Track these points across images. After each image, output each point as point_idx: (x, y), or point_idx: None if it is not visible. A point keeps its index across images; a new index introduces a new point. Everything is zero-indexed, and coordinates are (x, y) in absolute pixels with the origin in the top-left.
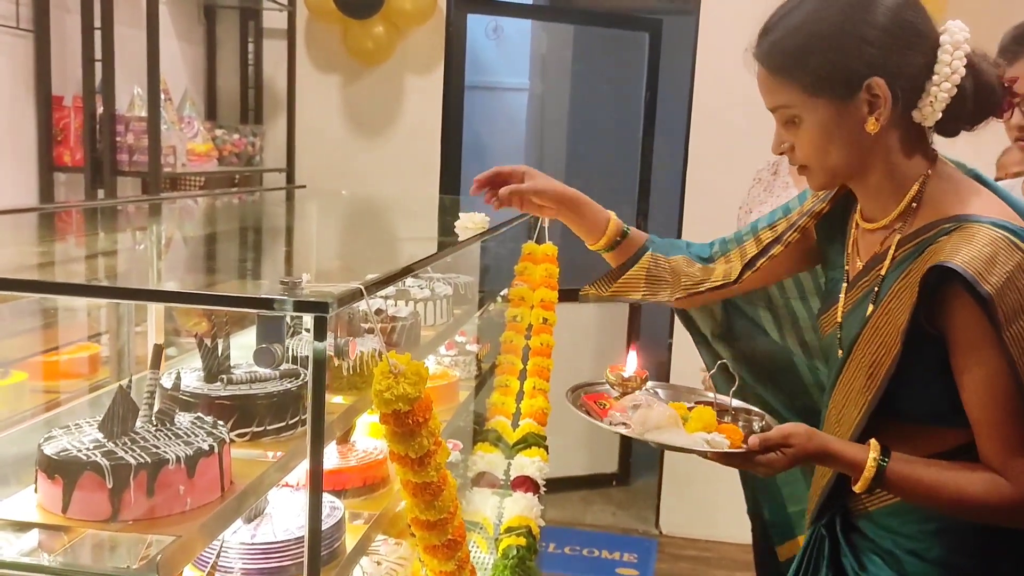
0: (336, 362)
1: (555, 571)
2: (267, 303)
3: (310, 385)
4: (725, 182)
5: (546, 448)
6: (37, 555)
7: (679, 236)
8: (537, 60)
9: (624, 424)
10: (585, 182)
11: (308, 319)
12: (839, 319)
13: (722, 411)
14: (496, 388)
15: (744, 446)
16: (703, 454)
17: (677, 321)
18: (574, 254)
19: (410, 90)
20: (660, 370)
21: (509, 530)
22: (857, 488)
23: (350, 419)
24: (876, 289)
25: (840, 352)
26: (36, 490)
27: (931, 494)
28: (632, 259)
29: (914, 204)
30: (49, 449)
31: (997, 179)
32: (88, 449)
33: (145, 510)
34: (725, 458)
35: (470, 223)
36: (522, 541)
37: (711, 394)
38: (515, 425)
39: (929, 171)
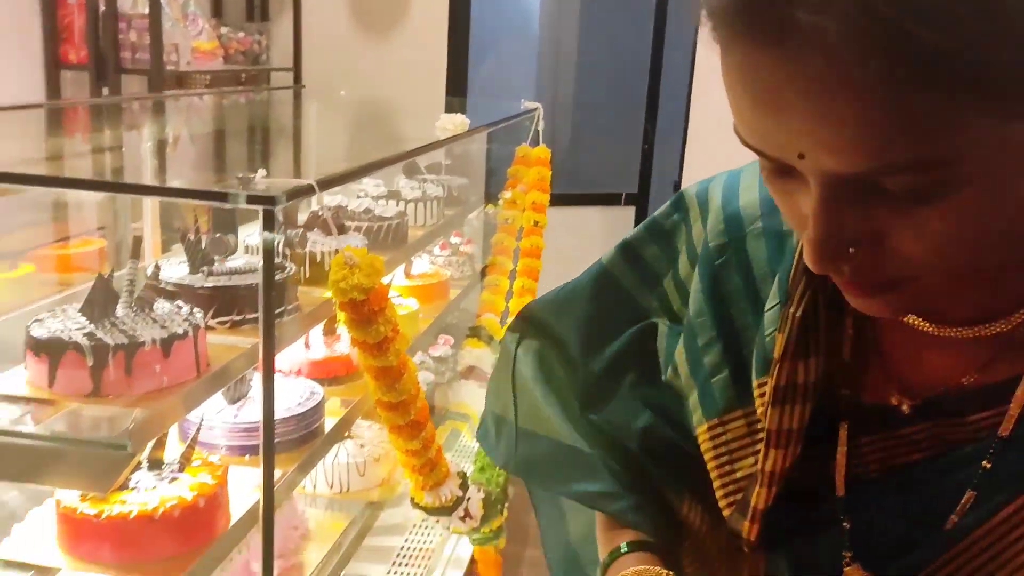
0: (299, 253)
1: None
2: (222, 196)
3: (261, 273)
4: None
5: None
6: (25, 424)
7: (680, 170)
8: None
9: None
10: (597, 84)
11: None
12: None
13: None
14: (486, 287)
15: None
16: None
17: None
18: (569, 158)
19: None
20: None
21: None
22: None
23: (326, 311)
24: (986, 463)
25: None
26: (25, 368)
27: None
28: None
29: None
30: (36, 331)
31: None
32: (71, 331)
33: (124, 386)
34: None
35: (450, 124)
36: None
37: None
38: (503, 323)
39: None
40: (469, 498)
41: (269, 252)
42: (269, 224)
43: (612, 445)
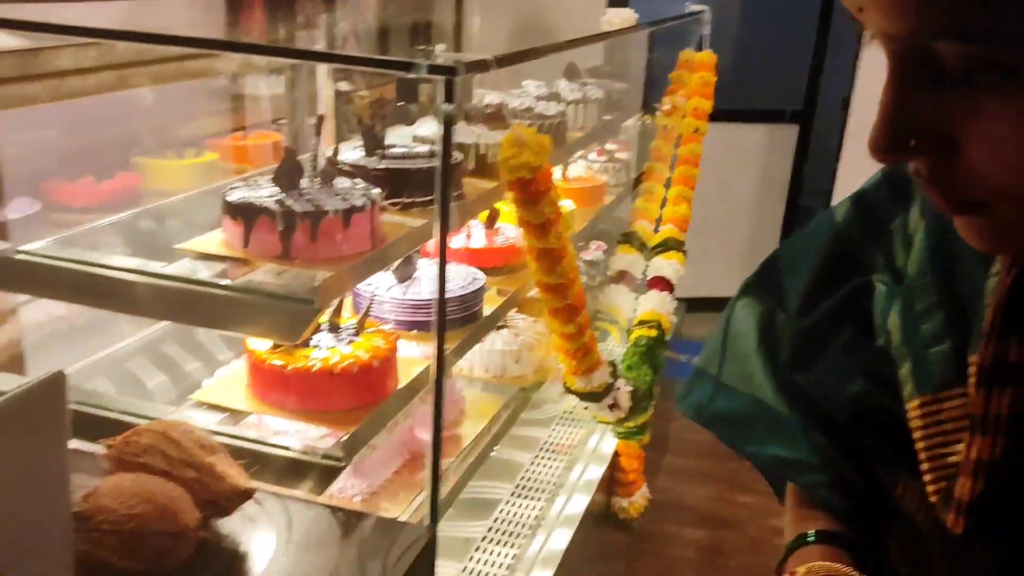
0: (465, 144)
1: None
2: (406, 66)
3: (440, 141)
4: None
5: (684, 252)
6: (223, 279)
7: (851, 86)
8: None
9: None
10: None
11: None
12: None
13: None
14: (641, 194)
15: None
16: None
17: (844, 151)
18: (732, 72)
19: None
20: (822, 199)
21: (642, 323)
22: None
23: (493, 199)
24: None
25: None
26: (222, 231)
27: None
28: None
29: None
30: (232, 197)
31: None
32: (264, 198)
33: (309, 251)
34: None
35: (616, 18)
36: (652, 333)
37: None
38: (656, 230)
39: None
40: (618, 388)
41: (448, 122)
42: (449, 95)
43: (816, 411)
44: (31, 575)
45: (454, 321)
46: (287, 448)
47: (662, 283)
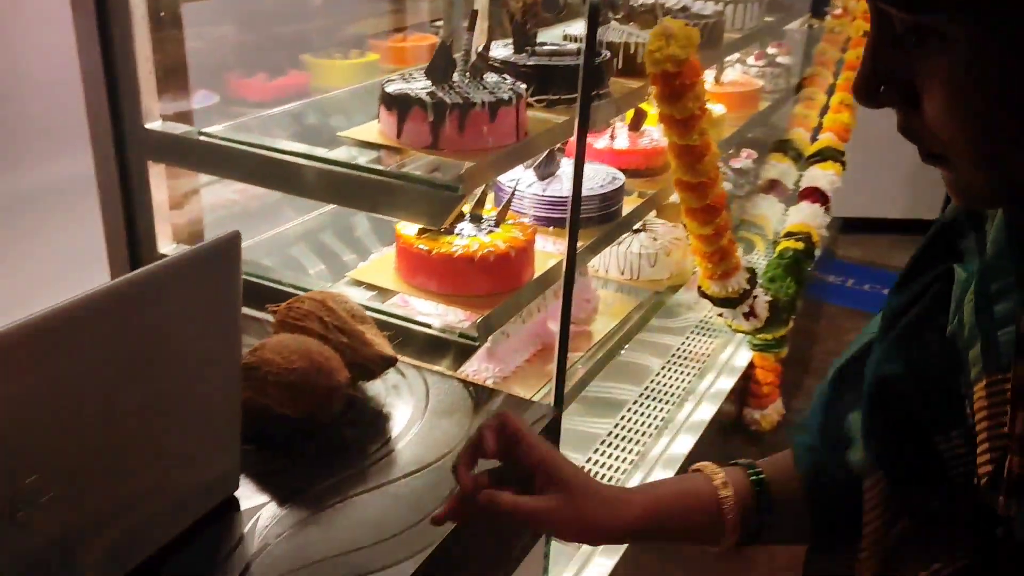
0: (615, 43)
1: (850, 305)
2: None
3: (586, 27)
4: None
5: (842, 164)
6: (378, 164)
7: None
8: None
9: None
10: None
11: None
12: None
13: None
14: (801, 100)
15: None
16: None
17: None
18: None
19: None
20: None
21: (789, 235)
22: None
23: (638, 99)
24: None
25: None
26: (379, 121)
27: None
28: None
29: None
30: (389, 88)
31: None
32: (417, 90)
33: (456, 142)
34: None
35: None
36: (799, 245)
37: None
38: (814, 140)
39: None
40: (756, 296)
41: (594, 14)
42: None
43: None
44: (208, 412)
45: (591, 219)
46: (428, 326)
47: (815, 194)
